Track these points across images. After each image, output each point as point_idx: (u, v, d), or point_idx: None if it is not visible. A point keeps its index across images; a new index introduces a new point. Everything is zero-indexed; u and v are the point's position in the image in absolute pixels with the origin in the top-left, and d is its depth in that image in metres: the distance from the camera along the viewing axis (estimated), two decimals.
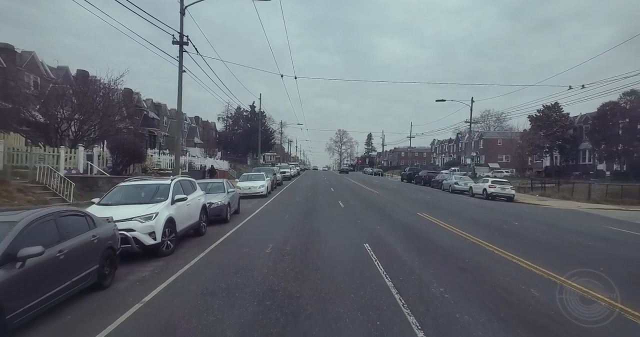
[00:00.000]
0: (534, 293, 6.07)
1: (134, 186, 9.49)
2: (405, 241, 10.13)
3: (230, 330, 4.51)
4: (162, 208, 8.42)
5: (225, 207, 12.82)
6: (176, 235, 8.72)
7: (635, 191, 23.39)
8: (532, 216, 17.27)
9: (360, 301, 5.51)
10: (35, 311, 4.47)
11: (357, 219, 14.10)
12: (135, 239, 7.66)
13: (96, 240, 5.96)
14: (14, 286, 4.13)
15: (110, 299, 5.72)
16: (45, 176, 14.81)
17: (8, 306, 3.98)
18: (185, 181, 10.58)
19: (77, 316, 5.03)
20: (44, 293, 4.60)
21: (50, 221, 5.13)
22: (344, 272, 6.99)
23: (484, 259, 8.26)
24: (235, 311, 5.12)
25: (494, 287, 6.32)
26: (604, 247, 10.38)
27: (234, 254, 8.43)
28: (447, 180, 33.28)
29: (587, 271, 7.44)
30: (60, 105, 20.03)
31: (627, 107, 34.10)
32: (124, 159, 19.94)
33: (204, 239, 10.29)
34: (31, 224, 4.74)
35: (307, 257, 8.10)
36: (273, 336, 4.38)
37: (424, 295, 5.85)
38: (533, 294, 6.02)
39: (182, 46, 14.78)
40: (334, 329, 4.58)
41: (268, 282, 6.36)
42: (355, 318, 4.90)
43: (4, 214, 4.96)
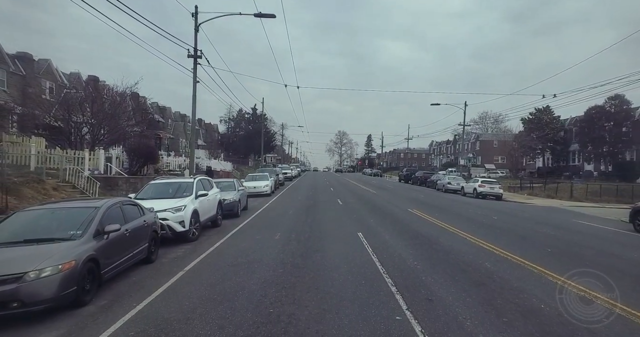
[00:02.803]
0: (487, 265, 7.79)
1: (163, 183, 11.21)
2: (393, 230, 11.84)
3: (254, 285, 6.23)
4: (189, 202, 10.14)
5: (236, 203, 14.54)
6: (200, 224, 10.44)
7: (612, 190, 25.11)
8: (513, 212, 18.99)
9: (351, 270, 7.23)
10: (115, 270, 6.21)
11: (353, 214, 15.83)
12: (169, 226, 9.37)
13: (146, 224, 7.68)
14: (104, 250, 5.85)
15: (159, 269, 7.44)
16: (72, 176, 16.55)
17: (102, 263, 5.71)
18: (204, 180, 12.32)
19: (140, 278, 6.75)
20: (119, 258, 6.33)
21: (117, 208, 6.86)
22: (340, 252, 8.71)
23: (456, 244, 9.96)
24: (256, 275, 6.83)
25: (457, 262, 8.03)
26: (560, 234, 12.10)
27: (249, 240, 10.15)
28: (441, 180, 35.01)
29: (535, 251, 9.19)
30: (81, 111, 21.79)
31: (612, 111, 35.88)
32: (139, 160, 21.66)
33: (221, 229, 12.00)
34: (108, 209, 6.47)
35: (309, 242, 9.82)
36: (285, 290, 6.08)
37: (401, 266, 7.57)
38: (486, 266, 7.73)
39: (196, 60, 16.54)
40: (330, 285, 6.30)
41: (279, 259, 8.07)
42: (346, 279, 6.62)
43: (88, 202, 6.69)
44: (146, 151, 21.56)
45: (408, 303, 5.46)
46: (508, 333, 4.56)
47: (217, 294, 5.83)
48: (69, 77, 33.72)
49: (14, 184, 13.08)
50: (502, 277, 6.96)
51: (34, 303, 4.66)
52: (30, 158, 16.90)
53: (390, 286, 6.29)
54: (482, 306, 5.44)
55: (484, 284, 6.52)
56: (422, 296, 5.84)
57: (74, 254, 5.22)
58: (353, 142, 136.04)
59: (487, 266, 7.76)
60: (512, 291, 6.14)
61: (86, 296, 5.36)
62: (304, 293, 5.87)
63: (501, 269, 7.52)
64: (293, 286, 6.21)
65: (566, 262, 8.36)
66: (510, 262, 8.13)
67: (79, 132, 22.04)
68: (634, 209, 13.74)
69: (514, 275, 7.11)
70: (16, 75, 26.04)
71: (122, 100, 23.49)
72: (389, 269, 7.27)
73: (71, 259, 5.10)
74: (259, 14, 16.13)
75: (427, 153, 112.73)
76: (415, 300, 5.62)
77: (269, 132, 71.97)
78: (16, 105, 23.76)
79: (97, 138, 22.32)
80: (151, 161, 22.53)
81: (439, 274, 7.06)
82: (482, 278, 6.86)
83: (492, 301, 5.68)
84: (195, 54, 16.41)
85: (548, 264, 7.94)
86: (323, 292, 5.94)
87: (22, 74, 26.68)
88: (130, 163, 21.83)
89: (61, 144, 21.58)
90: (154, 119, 44.08)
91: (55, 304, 4.85)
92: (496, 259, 8.33)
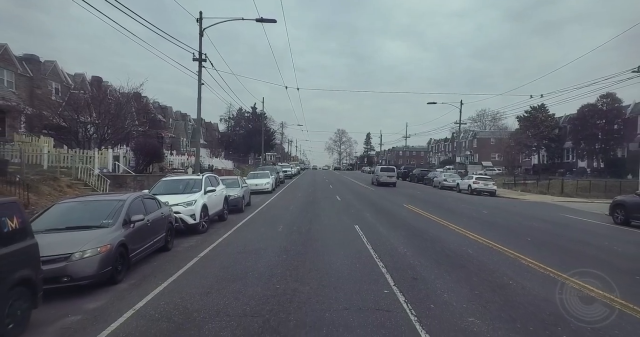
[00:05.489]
0: (469, 252, 8.67)
1: (173, 180, 12.09)
2: (387, 223, 12.73)
3: (262, 268, 7.11)
4: (198, 197, 11.01)
5: (240, 199, 15.42)
6: (209, 218, 11.32)
7: (601, 186, 26.04)
8: (503, 207, 19.88)
9: (347, 255, 8.12)
10: (139, 255, 7.09)
11: (351, 208, 16.71)
12: (181, 219, 10.25)
13: (163, 216, 8.56)
14: (131, 237, 6.73)
15: (175, 255, 8.32)
16: (84, 174, 17.40)
17: (130, 248, 6.59)
18: (211, 177, 13.19)
19: (160, 263, 7.63)
20: (143, 245, 7.21)
21: (139, 201, 7.73)
22: (338, 241, 9.60)
23: (443, 234, 10.85)
24: (263, 260, 7.71)
25: (443, 249, 8.91)
26: (543, 226, 13.00)
27: (254, 232, 11.03)
28: (437, 177, 35.90)
29: (516, 240, 10.08)
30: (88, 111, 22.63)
31: (604, 109, 36.77)
32: (145, 159, 22.50)
33: (227, 223, 12.86)
34: (133, 201, 7.34)
35: (310, 233, 10.70)
36: (290, 271, 6.96)
37: (392, 252, 8.45)
38: (468, 252, 8.62)
39: (200, 63, 17.38)
40: (328, 267, 7.18)
41: (282, 246, 8.95)
42: (343, 263, 7.50)
43: (115, 195, 7.58)
44: (152, 150, 22.40)
45: (396, 281, 6.35)
46: (476, 301, 5.45)
47: (230, 274, 6.72)
48: (74, 78, 34.52)
49: (32, 181, 13.93)
50: (481, 261, 7.85)
51: (79, 278, 5.55)
52: (43, 157, 17.74)
53: (381, 268, 7.17)
54: (459, 283, 6.33)
55: (464, 266, 7.41)
56: (409, 275, 6.73)
57: (109, 239, 6.10)
58: (352, 141, 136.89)
59: (470, 252, 8.64)
60: (487, 272, 7.03)
61: (119, 276, 6.24)
62: (305, 273, 6.76)
63: (481, 254, 8.41)
64: (296, 268, 7.09)
65: (541, 249, 9.25)
66: (491, 249, 9.01)
67: (86, 132, 22.90)
68: (613, 202, 14.63)
69: (492, 259, 8.00)
70: (24, 77, 26.82)
71: (127, 102, 24.29)
72: (381, 255, 8.15)
73: (107, 243, 5.97)
74: (260, 19, 16.94)
75: (425, 151, 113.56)
76: (402, 279, 6.51)
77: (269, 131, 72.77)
78: (26, 106, 24.58)
79: (104, 138, 23.19)
80: (156, 160, 23.38)
81: (425, 258, 7.95)
82: (463, 262, 7.75)
83: (469, 279, 6.57)
84: (200, 57, 17.24)
85: (524, 250, 8.83)
86: (322, 272, 6.82)
87: (30, 76, 27.46)
88: (136, 162, 22.67)
89: (68, 143, 22.44)
90: (157, 119, 44.95)
91: (95, 280, 5.74)
92: (478, 247, 9.22)
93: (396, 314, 4.94)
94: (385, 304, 5.30)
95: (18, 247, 4.29)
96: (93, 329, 4.51)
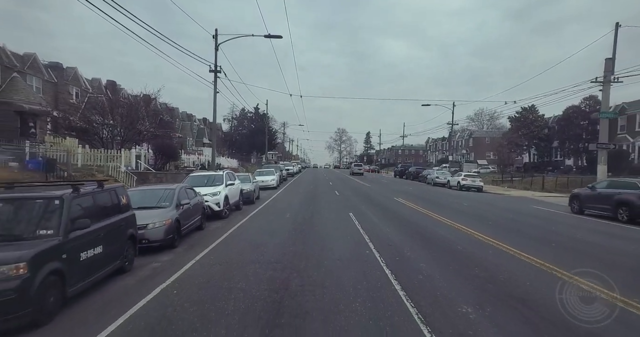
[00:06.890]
0: (437, 231, 11.10)
1: (199, 175, 14.57)
2: (378, 212, 15.15)
3: (276, 240, 9.53)
4: (221, 189, 13.45)
5: (252, 192, 17.86)
6: (229, 206, 13.75)
7: (578, 182, 28.35)
8: (485, 201, 22.28)
9: (343, 232, 10.55)
10: (186, 229, 9.54)
11: (348, 201, 19.14)
12: (208, 206, 12.67)
13: (199, 202, 10.99)
14: (182, 215, 9.16)
15: (208, 233, 10.75)
16: (113, 171, 19.84)
17: (182, 223, 9.04)
18: (230, 173, 15.65)
19: (200, 237, 10.07)
20: (188, 222, 9.66)
21: (183, 190, 10.16)
22: (336, 226, 12.01)
23: (428, 223, 13.20)
24: (276, 237, 10.11)
25: (417, 228, 11.34)
26: (512, 216, 15.39)
27: (266, 218, 13.45)
28: (430, 175, 38.33)
29: (481, 225, 12.50)
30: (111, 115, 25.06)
31: (587, 110, 39.10)
32: (162, 158, 24.96)
33: (243, 212, 15.29)
34: (180, 189, 9.77)
35: (312, 219, 13.12)
36: (297, 243, 9.36)
37: (380, 236, 10.83)
38: (436, 231, 11.05)
39: (216, 74, 19.82)
40: (328, 241, 9.62)
41: (291, 228, 11.36)
42: (338, 237, 9.94)
43: (167, 185, 10.02)
44: (169, 150, 24.86)
45: (375, 246, 8.79)
46: (431, 258, 7.88)
47: (254, 244, 9.14)
48: (91, 83, 36.97)
49: (75, 177, 16.37)
50: (443, 235, 10.29)
51: (153, 241, 8.00)
52: (77, 157, 20.18)
53: (367, 240, 9.60)
54: (423, 249, 8.78)
55: (429, 239, 9.86)
56: (385, 243, 9.18)
57: (169, 215, 8.53)
58: (352, 139, 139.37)
59: (438, 231, 11.08)
60: (446, 242, 9.48)
61: (176, 242, 8.68)
62: (310, 244, 9.19)
63: (447, 233, 10.84)
64: (303, 242, 9.51)
65: (497, 229, 11.67)
66: (455, 229, 11.43)
67: (110, 133, 25.34)
68: (571, 195, 17.01)
69: (454, 235, 10.42)
70: (49, 82, 29.25)
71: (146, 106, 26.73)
72: (371, 237, 10.42)
73: (168, 218, 8.41)
74: (268, 35, 19.34)
75: (423, 149, 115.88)
76: (380, 245, 8.94)
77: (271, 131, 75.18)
78: (52, 110, 27.01)
79: (125, 139, 25.62)
80: (173, 159, 25.83)
81: (402, 234, 10.40)
82: (430, 236, 10.19)
83: (430, 247, 9.02)
84: (215, 69, 19.68)
85: (481, 229, 11.23)
86: (322, 244, 9.25)
87: (54, 82, 29.90)
88: (155, 160, 25.13)
89: (91, 143, 24.86)
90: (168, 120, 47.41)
91: (163, 243, 8.18)
92: (447, 228, 11.64)
93: (371, 263, 7.37)
94: (364, 257, 7.75)
95: (128, 214, 6.73)
96: (173, 269, 6.94)
